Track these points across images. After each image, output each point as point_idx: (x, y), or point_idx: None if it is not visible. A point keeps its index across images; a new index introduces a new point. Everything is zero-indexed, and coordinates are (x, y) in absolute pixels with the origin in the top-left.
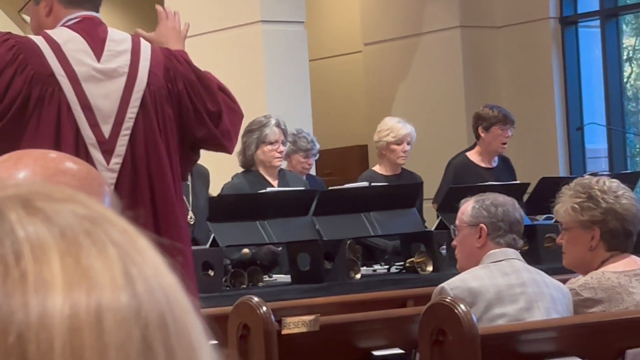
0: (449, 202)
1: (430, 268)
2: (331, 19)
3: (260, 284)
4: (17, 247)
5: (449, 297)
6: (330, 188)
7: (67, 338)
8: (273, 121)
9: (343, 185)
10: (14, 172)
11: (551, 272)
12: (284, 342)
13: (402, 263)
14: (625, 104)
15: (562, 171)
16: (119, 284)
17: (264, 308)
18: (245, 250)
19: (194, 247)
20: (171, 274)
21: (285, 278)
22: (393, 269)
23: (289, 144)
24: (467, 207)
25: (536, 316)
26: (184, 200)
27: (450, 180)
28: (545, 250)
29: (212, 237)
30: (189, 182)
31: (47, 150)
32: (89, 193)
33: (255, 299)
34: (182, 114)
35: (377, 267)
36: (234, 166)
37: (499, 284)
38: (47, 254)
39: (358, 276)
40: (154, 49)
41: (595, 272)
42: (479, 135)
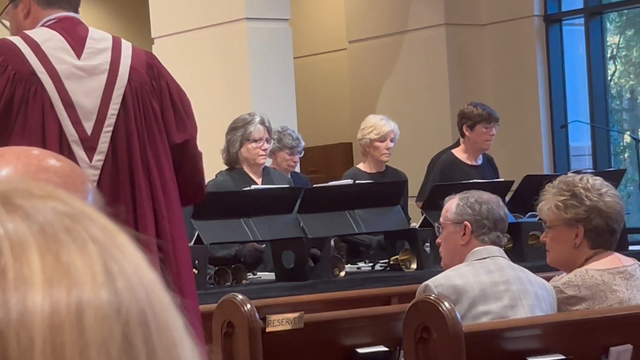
0: (433, 200)
1: (414, 265)
2: (316, 16)
3: (244, 281)
4: None
5: (433, 295)
6: (314, 186)
7: (48, 336)
8: (257, 119)
9: (328, 182)
10: None
11: (535, 269)
12: (268, 339)
13: (386, 260)
14: (609, 102)
15: (546, 169)
16: (100, 281)
17: (248, 306)
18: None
19: None
20: (152, 270)
21: (269, 276)
22: (377, 267)
23: (274, 141)
24: (452, 204)
25: (520, 314)
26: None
27: (437, 178)
28: (529, 248)
29: (196, 234)
30: None
31: (30, 147)
32: (71, 190)
33: (240, 296)
34: (163, 112)
35: (361, 264)
36: (218, 164)
37: (483, 282)
38: (27, 251)
39: (342, 274)
40: (135, 48)
41: (579, 270)
42: (463, 134)
